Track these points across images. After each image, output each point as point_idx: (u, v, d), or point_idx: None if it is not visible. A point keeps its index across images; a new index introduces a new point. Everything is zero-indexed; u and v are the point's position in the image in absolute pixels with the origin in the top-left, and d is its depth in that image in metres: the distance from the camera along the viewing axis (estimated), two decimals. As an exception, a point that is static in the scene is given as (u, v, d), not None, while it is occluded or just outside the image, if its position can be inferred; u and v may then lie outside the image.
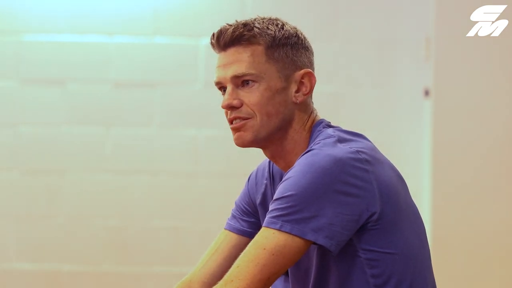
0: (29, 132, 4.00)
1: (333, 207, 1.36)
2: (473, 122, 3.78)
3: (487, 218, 3.74)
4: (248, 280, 1.35)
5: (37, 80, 4.02)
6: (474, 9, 3.69)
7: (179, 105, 4.09)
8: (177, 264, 3.79)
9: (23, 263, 4.01)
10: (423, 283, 1.50)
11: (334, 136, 1.46)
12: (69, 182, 4.05)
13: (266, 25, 1.52)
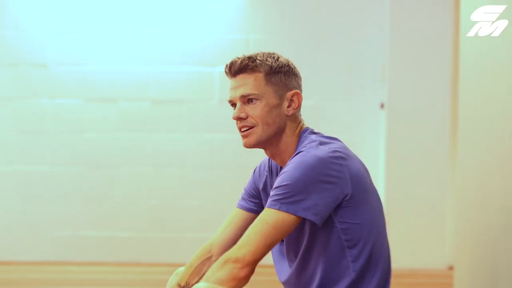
0: (92, 137, 5.18)
1: (318, 192, 1.68)
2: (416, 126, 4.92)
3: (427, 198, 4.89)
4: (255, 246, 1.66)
5: (97, 99, 5.21)
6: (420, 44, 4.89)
7: (200, 117, 5.21)
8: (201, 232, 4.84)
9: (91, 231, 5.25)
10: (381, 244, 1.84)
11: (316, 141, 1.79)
12: (122, 173, 5.24)
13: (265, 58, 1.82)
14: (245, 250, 1.71)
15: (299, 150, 1.83)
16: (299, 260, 1.90)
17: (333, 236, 1.81)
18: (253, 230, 1.74)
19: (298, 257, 1.90)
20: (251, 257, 1.71)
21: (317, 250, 1.84)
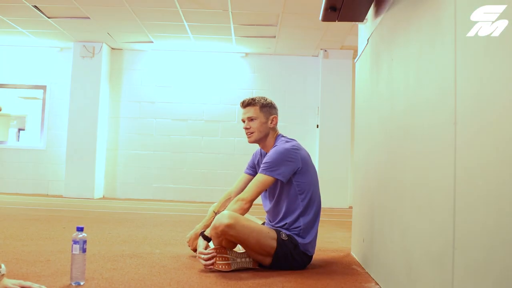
0: (175, 138, 9.28)
1: (284, 166, 3.13)
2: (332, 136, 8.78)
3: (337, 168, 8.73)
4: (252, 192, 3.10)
5: (177, 119, 9.32)
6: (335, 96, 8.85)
7: (228, 129, 9.27)
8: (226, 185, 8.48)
9: (172, 184, 9.24)
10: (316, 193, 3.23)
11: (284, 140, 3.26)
12: (188, 156, 9.33)
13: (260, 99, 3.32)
14: (247, 194, 3.10)
15: (275, 145, 3.26)
16: (274, 200, 3.26)
17: (291, 188, 3.19)
18: (252, 184, 3.14)
19: (274, 198, 3.26)
20: (250, 198, 3.09)
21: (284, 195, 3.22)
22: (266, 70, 9.43)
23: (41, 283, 2.54)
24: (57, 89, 9.50)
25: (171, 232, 4.92)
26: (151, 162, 9.40)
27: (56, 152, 9.41)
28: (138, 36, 8.62)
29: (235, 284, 2.76)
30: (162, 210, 7.46)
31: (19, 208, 6.75)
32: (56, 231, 4.63)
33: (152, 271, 3.05)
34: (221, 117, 9.39)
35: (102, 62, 9.09)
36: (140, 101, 9.43)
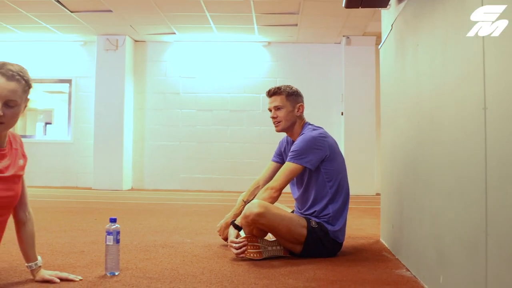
0: (200, 128, 9.35)
1: (312, 153, 3.13)
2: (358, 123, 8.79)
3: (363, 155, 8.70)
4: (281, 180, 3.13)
5: (202, 109, 9.40)
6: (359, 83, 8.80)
7: (253, 118, 9.30)
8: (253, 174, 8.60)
9: (198, 174, 9.33)
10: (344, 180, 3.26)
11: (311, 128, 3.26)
12: (214, 145, 9.38)
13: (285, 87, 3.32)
14: (276, 182, 3.13)
15: (302, 133, 3.26)
16: (303, 188, 3.28)
17: (320, 175, 3.20)
18: (280, 172, 3.16)
19: (302, 186, 3.28)
20: (279, 186, 3.12)
21: (312, 182, 3.22)
22: (288, 58, 9.42)
23: (77, 273, 2.61)
24: (82, 83, 9.63)
25: (200, 222, 4.97)
26: (178, 153, 9.49)
27: (83, 145, 9.55)
28: (161, 27, 8.67)
29: (267, 272, 2.79)
30: (190, 200, 7.53)
31: (50, 201, 6.88)
32: (88, 223, 4.72)
33: (185, 260, 3.10)
34: (245, 106, 9.43)
35: (125, 54, 9.18)
36: (165, 92, 9.50)
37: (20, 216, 2.42)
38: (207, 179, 9.45)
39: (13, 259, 2.97)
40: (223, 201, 7.40)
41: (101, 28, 8.85)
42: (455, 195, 2.14)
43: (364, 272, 2.85)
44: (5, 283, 2.45)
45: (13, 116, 2.16)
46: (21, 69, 2.18)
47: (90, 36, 9.31)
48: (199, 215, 5.55)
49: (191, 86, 9.50)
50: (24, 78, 2.18)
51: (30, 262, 2.46)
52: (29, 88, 2.22)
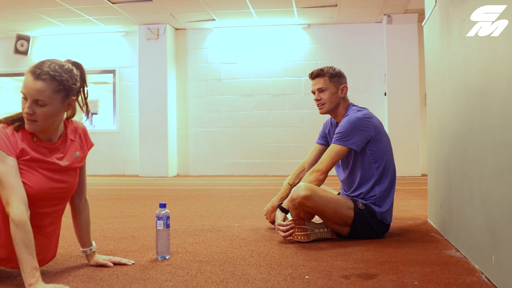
0: (242, 113, 9.40)
1: (358, 135, 3.12)
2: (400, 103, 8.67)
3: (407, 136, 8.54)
4: (327, 162, 3.12)
5: (244, 94, 9.44)
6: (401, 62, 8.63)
7: (295, 101, 9.28)
8: (296, 158, 8.81)
9: (241, 159, 9.39)
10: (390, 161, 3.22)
11: (356, 109, 3.25)
12: (256, 130, 9.42)
13: (328, 69, 3.28)
14: (322, 165, 3.14)
15: (347, 114, 3.25)
16: (348, 169, 3.28)
17: (365, 157, 3.20)
18: (326, 155, 3.15)
19: (348, 168, 3.29)
20: (325, 168, 3.12)
21: (358, 164, 3.22)
22: (329, 40, 9.34)
23: (129, 258, 2.68)
24: (126, 73, 9.80)
25: (246, 206, 5.02)
26: (221, 139, 9.57)
27: (129, 134, 9.73)
28: (200, 14, 8.71)
29: (315, 254, 2.81)
30: (235, 185, 7.59)
31: (99, 189, 7.05)
32: (137, 209, 4.82)
33: (233, 244, 3.14)
34: (287, 90, 9.41)
35: (167, 43, 9.29)
36: (206, 79, 9.58)
37: (76, 203, 2.50)
38: (250, 163, 9.50)
39: (68, 245, 3.07)
40: (267, 185, 7.42)
41: (142, 18, 8.96)
42: (508, 173, 2.10)
43: (412, 253, 2.83)
44: (62, 267, 2.54)
45: (46, 116, 2.15)
46: (56, 69, 2.14)
47: (131, 26, 9.45)
48: (245, 199, 5.60)
49: (232, 71, 9.53)
50: (56, 78, 2.13)
51: (85, 247, 2.54)
52: (65, 89, 2.17)
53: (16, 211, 2.03)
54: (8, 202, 2.05)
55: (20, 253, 2.02)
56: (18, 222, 2.02)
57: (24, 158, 2.15)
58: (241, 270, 2.46)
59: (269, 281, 2.27)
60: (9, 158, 2.10)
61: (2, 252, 2.18)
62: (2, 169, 2.08)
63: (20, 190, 2.08)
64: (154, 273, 2.42)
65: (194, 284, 2.23)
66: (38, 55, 9.65)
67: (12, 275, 2.39)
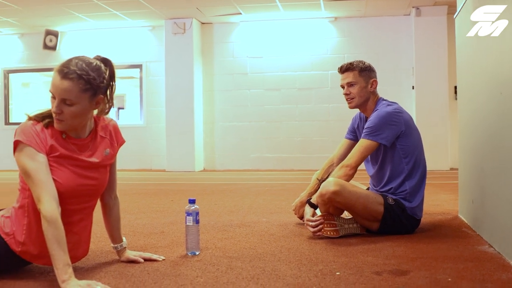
0: (268, 107, 9.37)
1: (387, 129, 3.07)
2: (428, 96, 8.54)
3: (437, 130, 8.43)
4: (356, 157, 3.11)
5: (270, 89, 9.41)
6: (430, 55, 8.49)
7: (321, 95, 9.23)
8: (324, 152, 8.72)
9: (268, 153, 9.37)
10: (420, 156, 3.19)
11: (385, 104, 3.20)
12: (282, 124, 9.40)
13: (358, 63, 3.24)
14: (351, 160, 3.13)
15: (376, 109, 3.21)
16: (378, 165, 3.25)
17: (395, 152, 3.17)
18: (355, 150, 3.14)
19: (377, 163, 3.25)
20: (355, 164, 3.12)
21: (388, 159, 3.20)
22: (356, 33, 9.26)
23: (159, 253, 2.69)
24: (152, 67, 9.86)
25: (274, 201, 5.01)
26: (247, 133, 9.57)
27: (156, 128, 9.80)
28: (227, 8, 8.71)
29: (345, 250, 2.79)
30: (262, 179, 7.58)
31: (127, 183, 7.11)
32: (165, 204, 4.85)
33: (262, 239, 3.13)
34: (313, 84, 9.35)
35: (193, 37, 9.31)
36: (232, 73, 9.58)
37: (106, 200, 2.51)
38: (277, 158, 9.49)
39: (99, 240, 3.10)
40: (294, 180, 7.40)
41: (169, 12, 8.99)
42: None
43: (444, 249, 2.79)
44: (93, 263, 2.57)
45: (74, 115, 2.15)
46: (83, 68, 2.13)
47: (158, 21, 9.50)
48: (272, 194, 5.59)
49: (258, 66, 9.51)
50: (83, 77, 2.11)
51: (116, 243, 2.56)
52: (92, 88, 2.15)
53: (47, 207, 2.04)
54: (39, 199, 2.06)
55: (52, 250, 2.03)
56: (49, 219, 2.04)
57: (53, 155, 2.16)
58: (271, 266, 2.45)
59: (300, 277, 2.26)
60: (39, 154, 2.11)
61: (34, 248, 2.20)
62: (33, 166, 2.09)
63: (51, 187, 2.10)
64: (184, 269, 2.43)
65: (225, 280, 2.23)
66: (66, 50, 9.75)
67: (45, 271, 2.41)
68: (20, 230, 2.19)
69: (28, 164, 2.09)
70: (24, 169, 2.10)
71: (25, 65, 10.46)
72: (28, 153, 2.11)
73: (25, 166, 2.10)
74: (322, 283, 2.16)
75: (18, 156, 2.13)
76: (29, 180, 2.10)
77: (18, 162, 2.14)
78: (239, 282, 2.19)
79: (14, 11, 8.75)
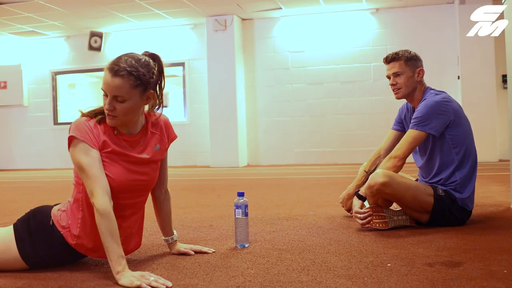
0: (311, 102, 9.36)
1: (436, 119, 3.00)
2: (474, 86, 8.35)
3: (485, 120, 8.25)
4: (405, 149, 3.06)
5: (313, 83, 9.39)
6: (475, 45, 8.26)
7: (364, 88, 9.16)
8: (368, 146, 8.67)
9: (312, 148, 9.37)
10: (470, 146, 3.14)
11: (433, 93, 3.12)
12: (326, 119, 9.36)
13: (403, 53, 3.19)
14: (399, 151, 3.09)
15: (424, 98, 3.16)
16: (427, 155, 3.20)
17: (444, 142, 3.11)
18: (404, 140, 3.10)
19: (426, 154, 3.20)
20: (403, 155, 3.08)
21: (437, 149, 3.14)
22: (398, 24, 9.14)
23: (209, 246, 2.72)
24: (194, 65, 9.98)
25: (320, 194, 5.00)
26: (290, 128, 9.56)
27: (199, 125, 9.91)
28: (267, 3, 8.72)
29: (395, 242, 2.76)
30: (306, 174, 7.56)
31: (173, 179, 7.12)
32: (212, 199, 4.91)
33: (310, 232, 3.13)
34: (356, 77, 9.28)
35: (234, 34, 9.38)
36: (274, 68, 9.59)
37: (157, 194, 2.55)
38: (320, 152, 9.45)
39: (149, 234, 3.16)
40: (339, 173, 7.38)
41: (209, 10, 9.06)
42: None
43: (498, 241, 2.73)
44: (146, 256, 2.62)
45: (126, 111, 2.19)
46: (133, 64, 2.16)
47: (199, 19, 9.60)
48: (318, 188, 5.58)
49: (300, 60, 9.49)
50: (133, 73, 2.14)
51: (167, 236, 2.61)
52: (143, 83, 2.19)
53: (100, 201, 2.10)
54: (93, 193, 2.11)
55: (106, 242, 2.08)
56: (102, 212, 2.09)
57: (106, 151, 2.21)
58: (321, 258, 2.45)
59: (350, 268, 2.25)
60: (92, 150, 2.16)
61: (89, 241, 2.26)
62: (87, 161, 2.14)
63: (104, 181, 2.15)
64: (235, 261, 2.45)
65: (275, 271, 2.24)
66: (111, 51, 9.98)
67: (100, 263, 2.47)
68: (75, 223, 2.25)
69: (82, 159, 2.15)
70: (78, 164, 2.16)
71: (71, 66, 10.80)
72: (82, 148, 2.16)
73: (79, 161, 2.15)
74: (373, 275, 2.15)
75: (72, 151, 2.18)
76: (83, 175, 2.15)
77: (72, 157, 2.19)
78: (290, 274, 2.20)
79: (60, 14, 8.99)
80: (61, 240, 2.27)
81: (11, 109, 11.16)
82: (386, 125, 8.52)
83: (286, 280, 2.10)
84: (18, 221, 2.33)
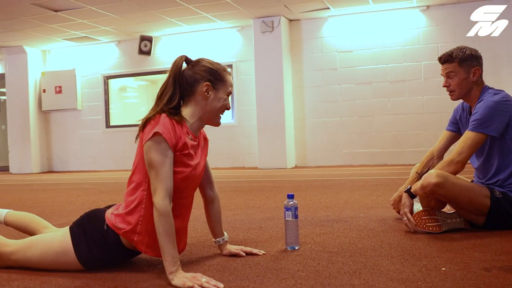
0: (360, 102, 9.26)
1: (496, 120, 2.87)
2: None
3: None
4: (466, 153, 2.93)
5: (361, 83, 9.28)
6: None
7: (414, 87, 8.98)
8: (415, 147, 8.57)
9: (361, 149, 9.28)
10: None
11: (492, 93, 2.99)
12: (375, 119, 9.22)
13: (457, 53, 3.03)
14: (462, 155, 2.99)
15: (482, 98, 3.03)
16: (484, 156, 3.10)
17: (504, 142, 3.01)
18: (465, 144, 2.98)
19: (483, 155, 3.10)
20: (465, 160, 2.99)
21: (495, 150, 3.05)
22: (449, 21, 8.92)
23: (259, 248, 2.72)
24: (242, 67, 10.03)
25: (370, 196, 4.93)
26: (338, 129, 9.48)
27: (247, 127, 9.95)
28: (315, 4, 8.68)
29: (449, 245, 2.69)
30: (355, 175, 7.48)
31: (222, 181, 7.25)
32: (260, 200, 4.90)
33: (361, 234, 3.09)
34: (406, 76, 9.12)
35: (281, 35, 9.38)
36: (322, 69, 9.54)
37: (208, 194, 2.59)
38: (369, 153, 9.34)
39: (200, 235, 3.18)
40: (389, 175, 7.24)
41: (257, 11, 9.09)
42: None
43: (561, 245, 2.62)
44: (197, 257, 2.63)
45: None
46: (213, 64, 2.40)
47: (246, 21, 9.64)
48: (367, 189, 5.51)
49: (348, 60, 9.40)
50: None
51: (217, 237, 2.62)
52: None
53: (161, 201, 2.13)
54: (156, 191, 2.15)
55: (162, 242, 2.12)
56: (162, 212, 2.12)
57: (183, 152, 2.27)
58: (373, 261, 2.41)
59: (403, 272, 2.20)
60: (169, 151, 2.21)
61: (149, 239, 2.28)
62: (161, 160, 2.17)
63: (169, 183, 2.18)
64: (285, 263, 2.43)
65: (326, 274, 2.21)
66: (160, 55, 10.11)
67: (153, 263, 2.51)
68: (135, 220, 2.27)
69: (156, 157, 2.18)
70: (151, 160, 2.19)
71: (121, 70, 11.02)
72: (162, 147, 2.19)
73: (153, 158, 2.18)
74: (427, 279, 2.09)
75: (150, 146, 2.19)
76: (152, 172, 2.18)
77: (147, 151, 2.21)
78: (341, 277, 2.17)
79: (112, 20, 9.20)
80: (116, 243, 2.30)
81: (66, 113, 11.51)
82: (437, 124, 8.42)
83: (337, 283, 2.08)
84: (74, 224, 2.39)
